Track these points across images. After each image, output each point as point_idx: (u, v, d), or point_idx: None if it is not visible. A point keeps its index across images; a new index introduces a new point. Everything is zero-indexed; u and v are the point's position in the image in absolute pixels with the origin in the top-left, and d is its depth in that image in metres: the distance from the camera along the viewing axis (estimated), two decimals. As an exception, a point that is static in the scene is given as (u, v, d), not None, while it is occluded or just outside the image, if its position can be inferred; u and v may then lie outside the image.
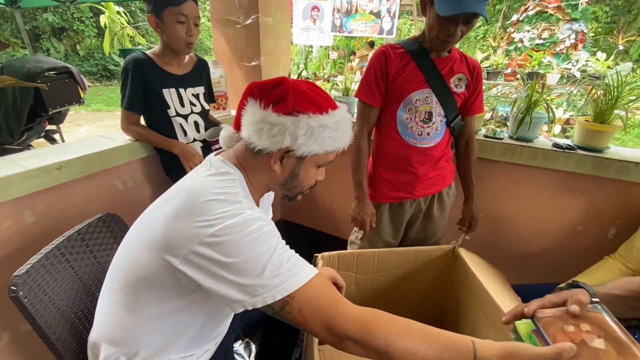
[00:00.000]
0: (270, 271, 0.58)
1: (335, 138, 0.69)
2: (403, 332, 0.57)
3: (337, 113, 0.69)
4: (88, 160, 1.13)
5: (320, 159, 0.71)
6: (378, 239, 1.32)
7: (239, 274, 0.58)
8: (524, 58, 5.45)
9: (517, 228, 1.49)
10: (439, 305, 1.30)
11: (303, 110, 0.65)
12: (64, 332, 0.78)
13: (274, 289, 0.58)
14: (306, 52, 6.56)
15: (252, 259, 0.58)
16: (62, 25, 9.59)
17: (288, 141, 0.65)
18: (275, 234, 0.63)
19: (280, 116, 0.65)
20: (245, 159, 0.72)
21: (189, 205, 0.61)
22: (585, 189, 1.30)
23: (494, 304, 0.95)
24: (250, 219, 0.60)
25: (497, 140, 1.37)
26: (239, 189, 0.66)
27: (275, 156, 0.68)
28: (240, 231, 0.59)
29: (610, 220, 1.30)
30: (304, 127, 0.65)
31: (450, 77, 1.13)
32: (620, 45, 6.19)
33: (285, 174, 0.72)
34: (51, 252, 0.80)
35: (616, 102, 1.17)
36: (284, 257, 0.60)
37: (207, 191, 0.63)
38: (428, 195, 1.26)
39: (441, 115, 1.16)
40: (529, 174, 1.38)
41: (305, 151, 0.66)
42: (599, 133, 1.22)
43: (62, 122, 3.05)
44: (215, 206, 0.60)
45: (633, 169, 1.17)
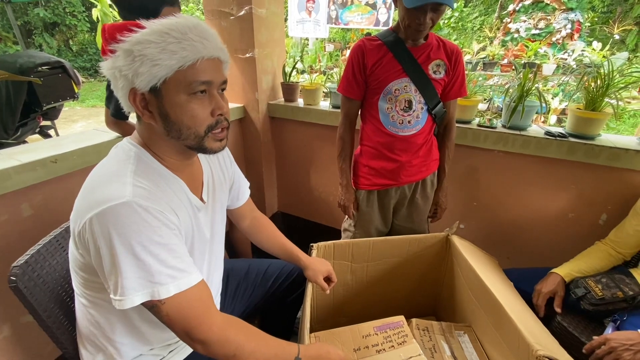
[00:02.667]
0: (140, 272, 0.57)
1: (172, 49, 0.57)
2: (251, 337, 0.67)
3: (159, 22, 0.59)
4: (84, 154, 1.13)
5: (179, 83, 0.59)
6: (370, 225, 1.37)
7: (112, 267, 0.57)
8: (520, 48, 5.44)
9: (511, 215, 1.51)
10: (433, 291, 1.32)
11: (116, 39, 0.58)
12: (64, 320, 0.80)
13: (142, 290, 0.57)
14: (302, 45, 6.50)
15: (118, 255, 0.56)
16: (54, 20, 9.46)
17: (122, 80, 0.59)
18: (157, 230, 0.59)
19: (107, 60, 0.60)
20: (141, 132, 0.68)
21: (86, 186, 0.63)
22: (577, 176, 1.32)
23: (486, 289, 0.98)
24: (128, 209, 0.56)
25: (490, 129, 1.38)
26: (128, 168, 0.61)
27: (134, 105, 0.62)
28: (114, 221, 0.56)
29: (601, 207, 1.32)
30: (122, 56, 0.57)
31: (428, 64, 1.15)
32: (616, 35, 6.18)
33: (160, 121, 0.63)
34: (49, 242, 0.81)
35: (607, 90, 1.18)
36: (158, 260, 0.58)
37: (101, 172, 0.63)
38: (412, 182, 1.29)
39: (421, 103, 1.18)
40: (522, 162, 1.39)
41: (145, 80, 0.58)
42: (590, 120, 1.23)
43: (56, 118, 3.03)
44: (102, 187, 0.59)
45: (623, 156, 1.19)
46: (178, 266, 0.60)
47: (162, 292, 0.58)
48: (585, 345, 0.94)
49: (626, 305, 1.01)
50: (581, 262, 1.16)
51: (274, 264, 1.11)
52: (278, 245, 1.03)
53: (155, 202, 0.60)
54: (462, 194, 1.59)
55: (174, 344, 0.80)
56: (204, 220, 0.78)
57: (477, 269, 1.04)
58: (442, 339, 1.07)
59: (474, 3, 11.07)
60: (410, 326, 1.06)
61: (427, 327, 1.11)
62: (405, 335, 0.98)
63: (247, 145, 1.94)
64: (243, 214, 1.03)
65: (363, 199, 1.33)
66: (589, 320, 1.07)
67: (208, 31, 0.62)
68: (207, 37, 0.61)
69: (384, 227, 1.39)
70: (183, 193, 0.71)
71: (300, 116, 1.81)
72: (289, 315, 1.16)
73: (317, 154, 1.90)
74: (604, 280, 1.06)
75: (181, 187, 0.70)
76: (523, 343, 0.81)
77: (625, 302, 1.01)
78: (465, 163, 1.51)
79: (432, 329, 1.10)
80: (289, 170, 2.06)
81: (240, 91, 1.79)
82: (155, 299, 0.58)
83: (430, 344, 1.05)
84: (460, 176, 1.55)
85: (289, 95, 1.84)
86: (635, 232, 1.10)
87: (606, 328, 1.01)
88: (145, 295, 0.58)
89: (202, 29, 0.61)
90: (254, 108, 1.81)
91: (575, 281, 1.11)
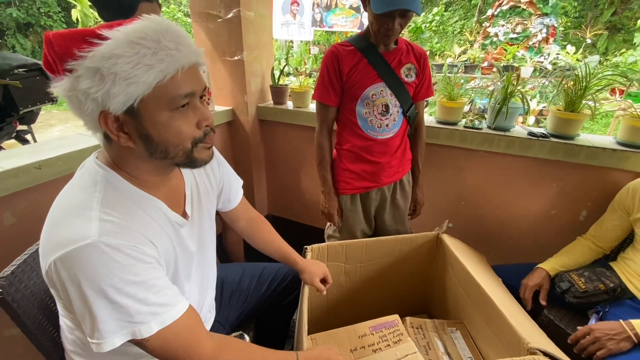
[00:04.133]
0: (117, 314, 0.53)
1: (147, 62, 0.49)
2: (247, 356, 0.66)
3: (125, 30, 0.49)
4: (69, 159, 1.10)
5: (159, 100, 0.52)
6: (356, 229, 1.38)
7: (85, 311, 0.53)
8: (499, 52, 5.62)
9: (497, 213, 1.56)
10: (425, 289, 1.35)
11: (70, 55, 0.48)
12: (53, 332, 0.77)
13: (121, 331, 0.53)
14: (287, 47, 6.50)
15: (91, 300, 0.51)
16: (27, 21, 9.11)
17: (90, 104, 0.50)
18: (129, 269, 0.53)
19: (60, 80, 0.50)
20: (110, 152, 0.60)
21: (50, 218, 0.57)
22: (558, 174, 1.38)
23: (477, 286, 1.00)
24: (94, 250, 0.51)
25: (476, 130, 1.43)
26: (95, 197, 0.55)
27: (107, 129, 0.53)
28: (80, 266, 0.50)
29: (582, 204, 1.38)
30: (86, 75, 0.48)
31: (400, 69, 1.19)
32: (588, 39, 6.48)
33: (140, 143, 0.55)
34: (36, 252, 0.78)
35: (585, 92, 1.24)
36: (134, 300, 0.53)
37: (64, 204, 0.57)
38: (391, 182, 1.33)
39: (397, 106, 1.22)
40: (506, 161, 1.44)
41: (119, 102, 0.50)
42: (570, 121, 1.29)
43: (34, 122, 2.92)
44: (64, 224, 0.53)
45: (601, 154, 1.25)
46: (159, 301, 0.56)
47: (144, 331, 0.54)
48: (571, 336, 0.98)
49: (608, 297, 1.06)
50: (564, 257, 1.21)
51: (268, 267, 1.11)
52: (275, 248, 1.03)
53: (126, 237, 0.54)
54: (450, 193, 1.62)
55: None
56: (189, 235, 0.73)
57: (468, 266, 1.07)
58: (435, 336, 1.09)
59: (454, 7, 11.37)
60: (405, 324, 1.08)
61: (420, 325, 1.13)
62: (401, 334, 1.00)
63: (236, 148, 1.93)
64: (237, 216, 1.00)
65: (346, 204, 1.34)
66: (574, 312, 1.12)
67: (181, 33, 0.54)
68: (182, 41, 0.53)
69: (368, 230, 1.42)
70: (161, 214, 0.65)
71: (289, 119, 1.81)
72: (284, 319, 1.16)
73: (307, 157, 1.90)
74: (587, 273, 1.11)
75: (159, 208, 0.64)
76: (514, 336, 0.83)
77: (606, 294, 1.06)
78: (453, 164, 1.55)
79: (426, 326, 1.12)
80: (279, 173, 2.06)
81: (229, 94, 1.78)
82: (137, 338, 0.54)
83: (424, 341, 1.07)
84: (448, 176, 1.59)
85: (278, 98, 1.84)
86: (614, 227, 1.16)
87: (590, 319, 1.06)
88: (125, 335, 0.54)
89: (175, 32, 0.53)
90: (243, 111, 1.80)
91: (559, 275, 1.16)
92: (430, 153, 1.57)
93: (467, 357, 1.04)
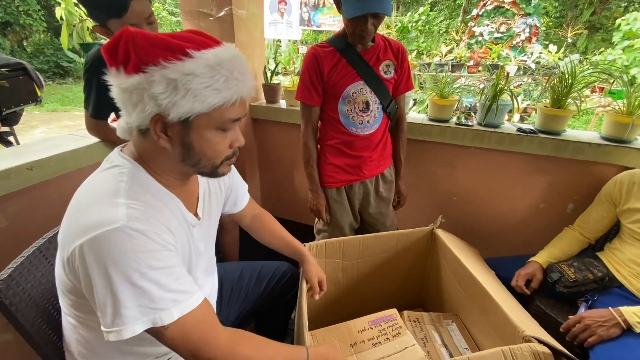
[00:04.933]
0: (140, 300, 0.53)
1: (218, 87, 0.55)
2: (260, 348, 0.66)
3: (208, 55, 0.54)
4: (61, 160, 1.08)
5: (213, 119, 0.57)
6: (344, 221, 1.42)
7: (108, 297, 0.52)
8: (485, 51, 5.74)
9: (488, 209, 1.60)
10: (421, 284, 1.37)
11: (152, 60, 0.52)
12: (52, 335, 0.76)
13: (143, 317, 0.54)
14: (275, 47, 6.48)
15: (115, 284, 0.52)
16: (6, 20, 8.81)
17: (152, 105, 0.53)
18: (154, 255, 0.55)
19: (130, 77, 0.53)
20: (140, 147, 0.62)
21: (75, 205, 0.58)
22: (546, 169, 1.42)
23: (472, 278, 1.03)
24: (122, 234, 0.52)
25: (467, 127, 1.46)
26: (122, 187, 0.57)
27: (153, 130, 0.56)
28: (107, 250, 0.51)
29: (569, 197, 1.43)
30: (160, 83, 0.52)
31: (379, 66, 1.23)
32: (569, 39, 6.68)
33: (178, 148, 0.59)
34: (33, 254, 0.77)
35: (570, 89, 1.28)
36: (157, 286, 0.54)
37: (91, 190, 0.59)
38: (373, 176, 1.37)
39: (377, 103, 1.26)
40: (496, 157, 1.48)
41: (180, 113, 0.54)
42: (557, 117, 1.33)
43: (17, 123, 2.83)
44: (91, 209, 0.54)
45: (586, 149, 1.30)
46: (180, 289, 0.57)
47: (165, 317, 0.55)
48: (562, 325, 1.02)
49: (596, 286, 1.10)
50: (554, 249, 1.25)
51: (267, 265, 1.11)
52: (283, 241, 1.04)
53: (151, 224, 0.56)
54: (442, 190, 1.66)
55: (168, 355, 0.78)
56: (199, 236, 0.76)
57: (462, 259, 1.09)
58: (432, 329, 1.12)
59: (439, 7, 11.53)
60: (402, 318, 1.10)
61: (417, 318, 1.15)
62: (399, 327, 1.02)
63: (228, 147, 1.91)
64: (243, 215, 1.02)
65: (333, 198, 1.38)
66: (564, 302, 1.16)
67: (247, 68, 0.61)
68: (247, 75, 0.60)
69: (355, 223, 1.47)
70: (179, 212, 0.68)
71: (282, 117, 1.81)
72: (283, 316, 1.17)
73: (300, 155, 1.90)
74: (576, 264, 1.16)
75: (177, 206, 0.67)
76: (510, 326, 0.86)
77: (595, 283, 1.10)
78: (445, 160, 1.58)
79: (423, 319, 1.15)
80: (272, 172, 2.05)
81: (221, 93, 1.77)
82: (157, 325, 0.55)
83: (422, 334, 1.10)
84: (440, 173, 1.62)
85: (271, 97, 1.84)
86: (601, 218, 1.20)
87: (579, 308, 1.10)
88: (146, 322, 0.54)
89: (244, 66, 0.60)
90: (236, 110, 1.79)
91: (550, 266, 1.20)
92: (422, 150, 1.59)
93: (463, 348, 1.07)
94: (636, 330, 0.92)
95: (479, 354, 0.75)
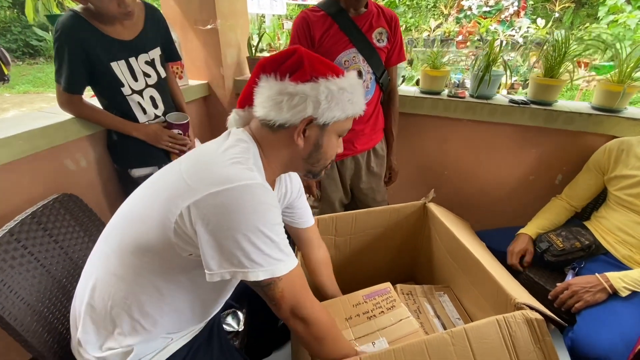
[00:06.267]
0: (270, 249, 0.59)
1: (354, 101, 0.68)
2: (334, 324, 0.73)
3: (350, 76, 0.69)
4: (30, 137, 1.00)
5: (340, 126, 0.70)
6: (334, 197, 1.40)
7: (235, 242, 0.57)
8: (474, 25, 5.65)
9: (478, 182, 1.60)
10: (413, 257, 1.38)
11: (321, 74, 0.64)
12: (37, 327, 0.72)
13: (269, 266, 0.60)
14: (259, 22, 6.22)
15: (253, 231, 0.57)
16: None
17: (310, 109, 0.64)
18: (278, 212, 0.63)
19: (299, 84, 0.63)
20: (262, 135, 0.70)
21: (203, 162, 0.63)
22: (537, 140, 1.42)
23: (464, 249, 1.03)
24: (262, 189, 0.60)
25: (459, 99, 1.43)
26: (250, 157, 0.65)
27: (300, 128, 0.66)
28: (250, 199, 0.58)
29: (558, 168, 1.44)
30: (324, 92, 0.64)
31: (371, 33, 1.18)
32: (557, 13, 6.62)
33: (309, 146, 0.70)
34: (4, 238, 0.72)
35: (564, 57, 1.26)
36: (280, 238, 0.61)
37: (223, 153, 0.64)
38: (365, 150, 1.34)
39: (370, 72, 1.22)
40: (488, 130, 1.47)
41: (328, 117, 0.65)
42: (549, 87, 1.32)
43: (-17, 104, 2.65)
44: (229, 166, 0.61)
45: (577, 119, 1.29)
46: (288, 245, 0.64)
47: (282, 269, 0.61)
48: (551, 292, 1.04)
49: (583, 254, 1.12)
50: (542, 220, 1.26)
51: None
52: (331, 291, 1.05)
53: None
54: (434, 164, 1.64)
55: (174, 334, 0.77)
56: None
57: (454, 231, 1.09)
58: (425, 301, 1.13)
59: (428, -20, 11.20)
60: (396, 291, 1.10)
61: (410, 291, 1.16)
62: (394, 300, 1.02)
63: (213, 125, 1.84)
64: (310, 240, 1.02)
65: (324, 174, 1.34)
66: (552, 270, 1.18)
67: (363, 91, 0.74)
68: (363, 96, 0.73)
69: (345, 199, 1.45)
70: None
71: (269, 93, 1.74)
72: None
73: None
74: (564, 233, 1.17)
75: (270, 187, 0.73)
76: (502, 294, 0.87)
77: (582, 250, 1.12)
78: (437, 134, 1.56)
79: (415, 292, 1.15)
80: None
81: (203, 66, 1.68)
82: (275, 276, 0.60)
83: (415, 306, 1.10)
84: (431, 147, 1.60)
85: (256, 71, 1.76)
86: (588, 186, 1.22)
87: (567, 275, 1.12)
88: (267, 272, 0.59)
89: (362, 89, 0.73)
90: (219, 85, 1.71)
91: (539, 237, 1.21)
92: (413, 124, 1.56)
93: (455, 318, 1.08)
94: (621, 295, 0.94)
95: (474, 324, 0.75)
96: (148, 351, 0.71)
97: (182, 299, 0.71)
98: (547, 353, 0.73)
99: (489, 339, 0.72)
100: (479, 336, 0.72)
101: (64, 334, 0.79)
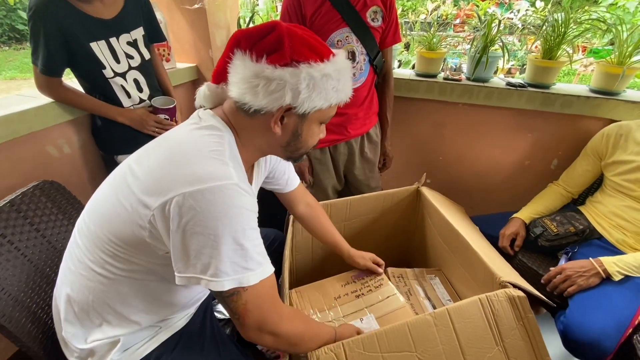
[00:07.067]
0: (238, 257, 0.55)
1: (339, 88, 0.62)
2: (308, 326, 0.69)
3: (337, 60, 0.62)
4: (8, 122, 0.96)
5: (323, 115, 0.65)
6: (327, 184, 1.37)
7: (202, 248, 0.54)
8: (471, 7, 5.54)
9: (474, 167, 1.58)
10: (406, 241, 1.37)
11: (302, 59, 0.57)
12: (20, 317, 0.70)
13: (235, 275, 0.55)
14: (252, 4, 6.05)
15: (222, 237, 0.53)
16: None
17: (289, 97, 0.57)
18: (252, 216, 0.59)
19: (277, 68, 0.56)
20: (237, 119, 0.64)
21: (175, 155, 0.58)
22: (534, 124, 1.39)
23: (455, 232, 1.02)
24: (236, 191, 0.55)
25: (456, 82, 1.39)
26: (226, 149, 0.60)
27: (276, 116, 0.60)
28: (222, 202, 0.54)
29: (553, 153, 1.42)
30: (305, 79, 0.57)
31: (365, 12, 1.13)
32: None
33: (287, 135, 0.64)
34: None
35: (563, 38, 1.22)
36: (252, 245, 0.57)
37: (195, 144, 0.59)
38: (358, 135, 1.31)
39: (363, 54, 1.17)
40: (484, 114, 1.44)
41: (309, 107, 0.59)
42: (547, 69, 1.28)
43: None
44: (202, 162, 0.56)
45: (575, 102, 1.27)
46: (263, 253, 0.60)
47: (251, 279, 0.56)
48: (544, 276, 1.04)
49: (577, 239, 1.12)
50: (537, 205, 1.25)
51: None
52: (330, 237, 1.04)
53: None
54: (429, 149, 1.62)
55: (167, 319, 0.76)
56: None
57: (446, 214, 1.08)
58: (416, 283, 1.12)
59: (426, -39, 10.93)
60: (387, 275, 1.10)
61: (401, 274, 1.15)
62: (382, 279, 1.03)
63: (204, 110, 1.79)
64: (296, 199, 1.00)
65: (316, 159, 1.32)
66: (545, 255, 1.18)
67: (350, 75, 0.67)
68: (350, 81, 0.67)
69: (339, 185, 1.42)
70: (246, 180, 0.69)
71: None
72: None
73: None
74: (558, 218, 1.16)
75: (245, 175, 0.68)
76: (488, 275, 0.86)
77: (576, 235, 1.11)
78: (432, 118, 1.53)
79: (406, 275, 1.15)
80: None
81: (192, 49, 1.61)
82: (242, 285, 0.56)
83: (406, 288, 1.10)
84: (427, 132, 1.58)
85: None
86: (585, 171, 1.20)
87: (560, 260, 1.12)
88: (234, 281, 0.55)
89: (350, 73, 0.66)
90: (209, 68, 1.65)
91: (533, 222, 1.20)
92: (408, 107, 1.53)
93: (446, 299, 1.08)
94: (615, 279, 0.94)
95: (457, 304, 0.74)
96: (136, 340, 0.69)
97: (165, 289, 0.69)
98: (530, 329, 0.73)
99: (471, 318, 0.72)
100: (461, 316, 0.72)
101: (49, 323, 0.77)
